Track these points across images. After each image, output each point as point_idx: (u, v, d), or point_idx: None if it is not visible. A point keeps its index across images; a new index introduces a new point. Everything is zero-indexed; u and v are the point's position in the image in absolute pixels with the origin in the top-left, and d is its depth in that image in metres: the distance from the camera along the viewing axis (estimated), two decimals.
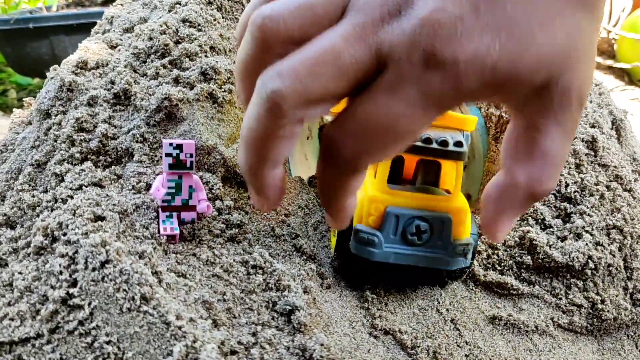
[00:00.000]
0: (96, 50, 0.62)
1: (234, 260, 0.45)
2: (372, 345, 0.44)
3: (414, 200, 0.41)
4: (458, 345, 0.46)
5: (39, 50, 1.62)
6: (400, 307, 0.48)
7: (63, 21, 1.59)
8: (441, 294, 0.49)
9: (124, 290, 0.38)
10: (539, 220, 0.54)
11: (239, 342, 0.39)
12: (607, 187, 0.55)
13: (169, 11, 0.60)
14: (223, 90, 0.53)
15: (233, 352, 0.38)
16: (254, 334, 0.41)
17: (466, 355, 0.45)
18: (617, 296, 0.51)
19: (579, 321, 0.50)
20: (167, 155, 0.45)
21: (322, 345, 0.40)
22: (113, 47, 0.63)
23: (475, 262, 0.55)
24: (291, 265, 0.48)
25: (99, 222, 0.42)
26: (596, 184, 0.55)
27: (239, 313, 0.42)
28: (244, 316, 0.42)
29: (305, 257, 0.50)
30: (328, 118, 0.92)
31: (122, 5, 0.74)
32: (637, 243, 0.53)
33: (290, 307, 0.42)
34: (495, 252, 0.54)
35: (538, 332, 0.49)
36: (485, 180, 0.59)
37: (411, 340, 0.44)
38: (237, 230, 0.48)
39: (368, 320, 0.46)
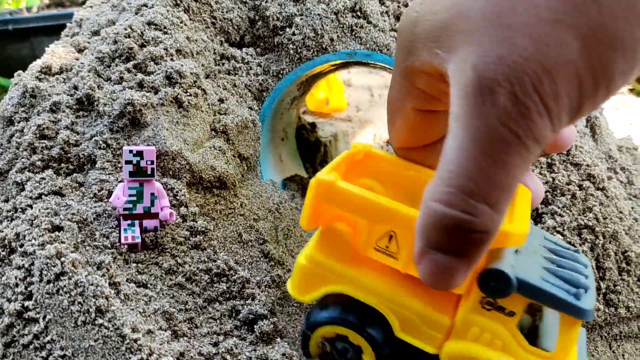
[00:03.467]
0: (62, 54, 0.61)
1: (197, 268, 0.44)
2: None
3: None
4: None
5: (20, 52, 1.60)
6: None
7: (43, 22, 1.57)
8: None
9: (79, 302, 0.37)
10: None
11: (200, 353, 0.38)
12: (579, 186, 0.54)
13: (136, 13, 0.59)
14: (189, 94, 0.52)
15: None
16: (215, 344, 0.40)
17: None
18: None
19: None
20: (128, 162, 0.44)
21: (284, 355, 0.39)
22: (80, 51, 0.62)
23: None
24: (257, 272, 0.47)
25: (56, 233, 0.42)
26: (568, 184, 0.54)
27: (201, 323, 0.41)
28: (206, 326, 0.41)
29: (273, 263, 0.49)
30: (306, 118, 0.92)
31: (91, 7, 0.72)
32: (609, 242, 0.52)
33: (253, 316, 0.42)
34: None
35: None
36: None
37: None
38: (202, 237, 0.47)
39: None
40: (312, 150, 0.87)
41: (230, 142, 0.55)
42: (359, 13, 0.59)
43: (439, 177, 0.24)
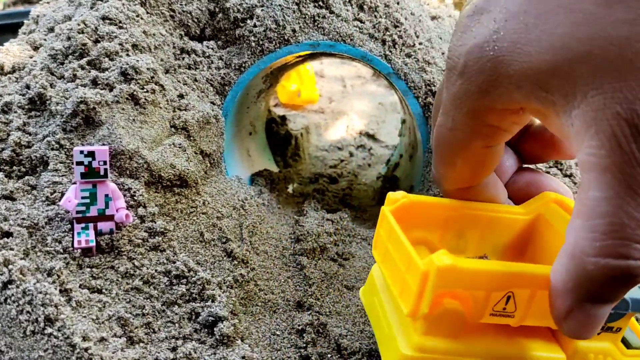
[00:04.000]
0: (17, 52, 0.59)
1: (155, 270, 0.43)
2: (298, 356, 0.43)
3: None
4: None
5: None
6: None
7: (9, 20, 1.53)
8: None
9: (28, 312, 0.35)
10: None
11: (156, 359, 0.37)
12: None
13: (91, 8, 0.57)
14: (145, 90, 0.51)
15: None
16: (173, 349, 0.39)
17: None
18: None
19: None
20: (79, 163, 0.42)
21: (243, 358, 0.38)
22: (36, 49, 0.60)
23: None
24: (219, 272, 0.46)
25: (5, 239, 0.40)
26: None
27: (159, 327, 0.40)
28: (164, 330, 0.40)
29: (236, 262, 0.48)
30: (277, 111, 0.90)
31: (48, 3, 0.70)
32: None
33: (213, 318, 0.41)
34: None
35: None
36: (426, 172, 0.58)
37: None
38: (161, 238, 0.45)
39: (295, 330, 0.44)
40: (283, 143, 0.85)
41: (192, 138, 0.53)
42: (321, 3, 0.57)
43: (595, 232, 0.24)
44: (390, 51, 0.56)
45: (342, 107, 1.08)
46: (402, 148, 0.80)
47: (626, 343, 0.34)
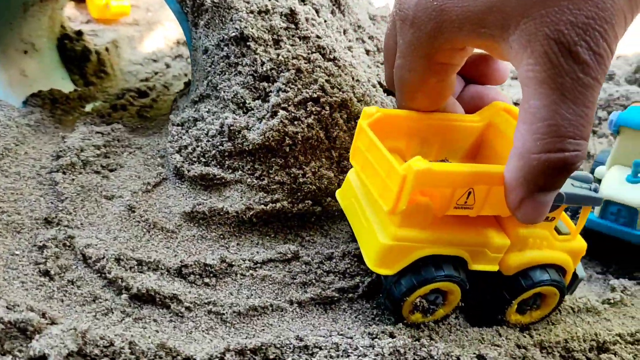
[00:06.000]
0: None
1: None
2: None
3: None
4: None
5: None
6: None
7: None
8: None
9: None
10: (240, 105, 0.53)
11: None
12: (307, 59, 0.54)
13: None
14: None
15: None
16: None
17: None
18: (320, 167, 0.52)
19: (282, 198, 0.50)
20: None
21: None
22: None
23: (180, 157, 0.53)
24: None
25: None
26: (294, 58, 0.53)
27: None
28: None
29: None
30: (68, 25, 0.83)
31: None
32: (336, 112, 0.53)
33: None
34: (199, 144, 0.52)
35: (238, 218, 0.49)
36: None
37: None
38: None
39: None
40: (80, 60, 0.80)
41: None
42: None
43: (537, 133, 0.29)
44: None
45: (159, 17, 1.02)
46: None
47: (558, 231, 0.42)
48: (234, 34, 0.53)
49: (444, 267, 0.38)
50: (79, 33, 0.82)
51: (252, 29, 0.53)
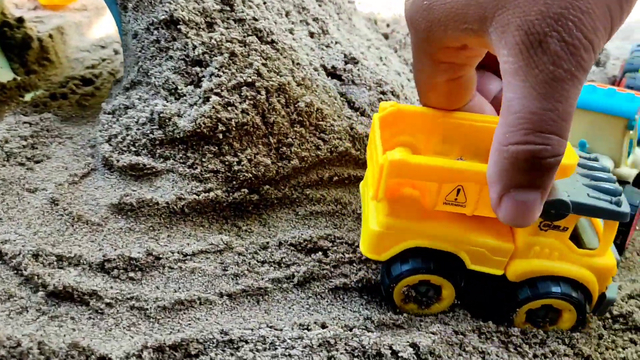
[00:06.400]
0: None
1: None
2: None
3: None
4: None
5: None
6: None
7: None
8: None
9: None
10: (171, 91, 0.50)
11: None
12: (242, 43, 0.52)
13: None
14: None
15: None
16: None
17: None
18: (257, 154, 0.50)
19: (216, 187, 0.48)
20: None
21: None
22: None
23: (109, 147, 0.51)
24: None
25: None
26: (229, 41, 0.51)
27: None
28: None
29: None
30: (9, 12, 0.80)
31: None
32: (274, 97, 0.51)
33: None
34: (129, 132, 0.50)
35: (169, 209, 0.47)
36: None
37: None
38: None
39: None
40: (21, 48, 0.77)
41: None
42: None
43: (507, 125, 0.28)
44: None
45: None
46: None
47: (580, 243, 0.40)
48: (163, 17, 0.51)
49: (433, 261, 0.39)
50: (20, 20, 0.78)
51: (182, 11, 0.51)
